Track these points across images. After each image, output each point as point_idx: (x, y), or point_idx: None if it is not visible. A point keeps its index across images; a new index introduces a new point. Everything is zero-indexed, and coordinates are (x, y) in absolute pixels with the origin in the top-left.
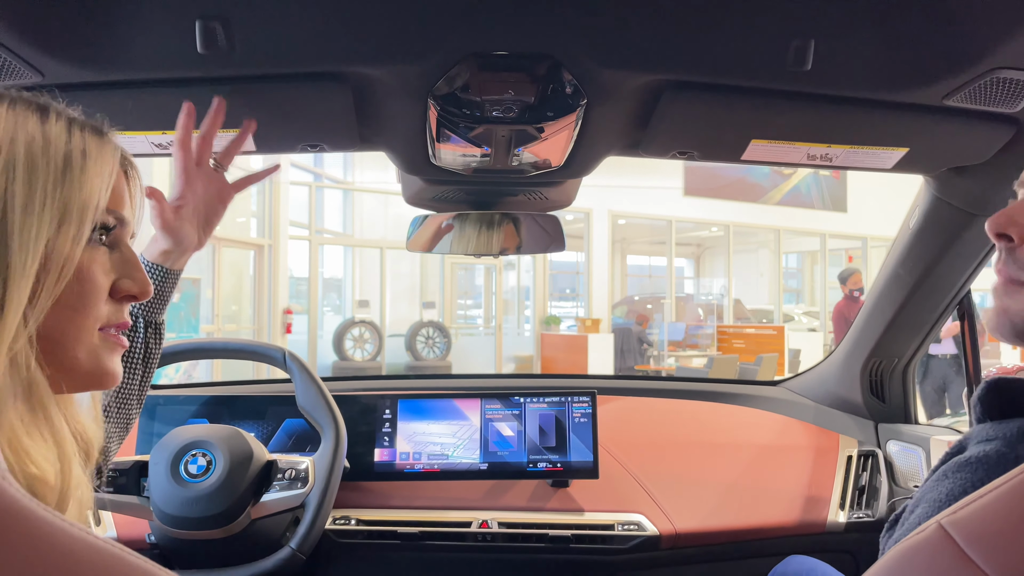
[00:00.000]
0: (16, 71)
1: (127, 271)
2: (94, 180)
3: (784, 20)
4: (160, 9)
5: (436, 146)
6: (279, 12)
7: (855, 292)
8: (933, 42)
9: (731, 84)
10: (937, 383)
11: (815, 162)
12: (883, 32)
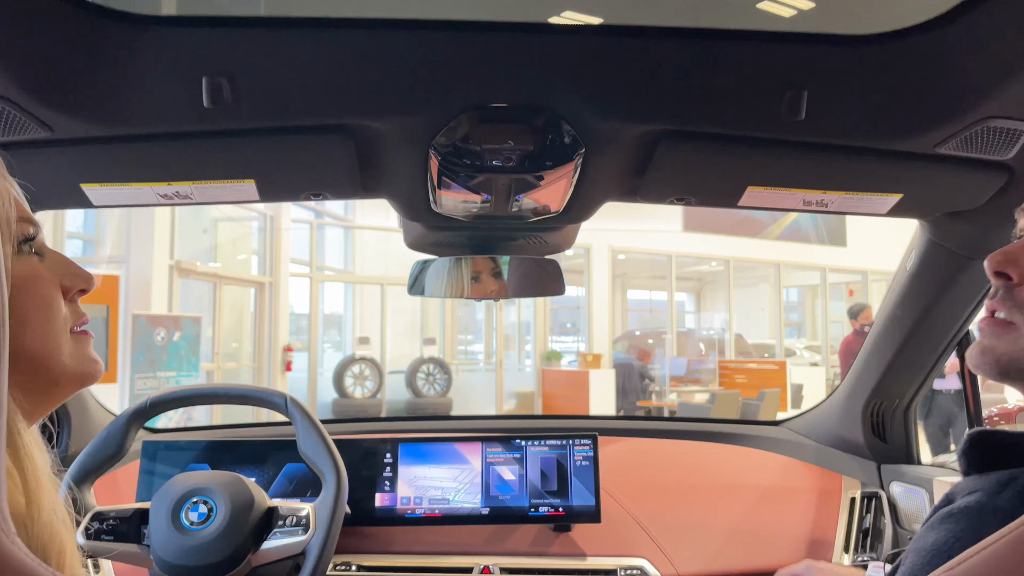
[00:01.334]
0: (26, 127)
1: (65, 270)
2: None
3: (777, 72)
4: (168, 66)
5: (437, 193)
6: (284, 67)
7: (865, 328)
8: (924, 92)
9: (726, 134)
10: (941, 420)
11: (811, 207)
12: (874, 83)
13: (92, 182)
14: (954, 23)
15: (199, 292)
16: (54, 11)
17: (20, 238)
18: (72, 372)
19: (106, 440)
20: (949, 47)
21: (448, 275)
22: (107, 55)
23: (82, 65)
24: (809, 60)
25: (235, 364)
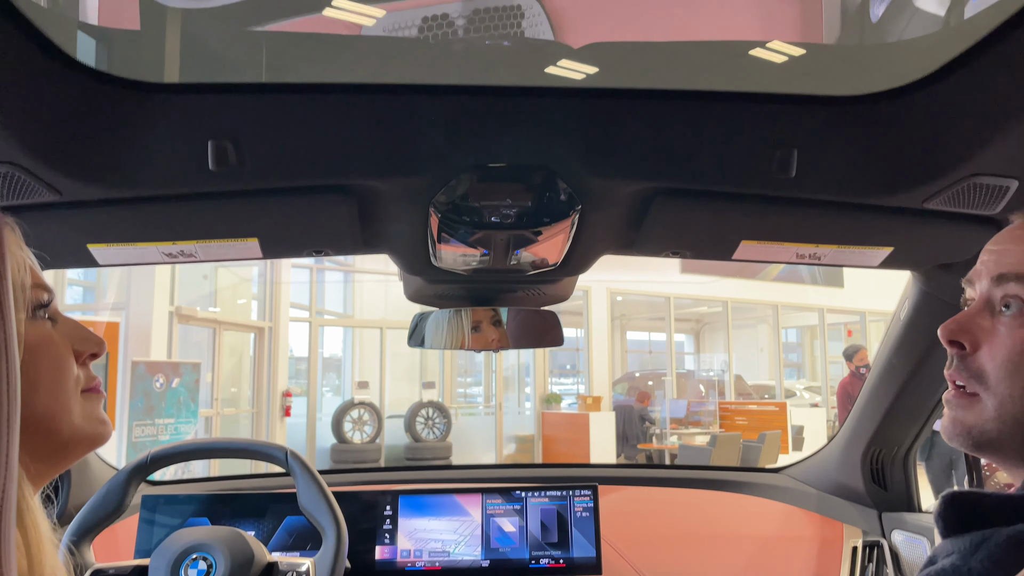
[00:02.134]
0: (34, 190)
1: (77, 334)
2: (12, 263)
3: (767, 131)
4: (174, 131)
5: (437, 248)
6: (287, 131)
7: (861, 369)
8: (911, 150)
9: (719, 191)
10: (944, 461)
11: (804, 260)
12: (862, 141)
13: (98, 242)
14: (937, 84)
15: (199, 337)
16: (63, 79)
17: (34, 304)
18: (81, 433)
19: (106, 496)
20: (934, 107)
21: (447, 326)
22: (115, 121)
23: (90, 131)
24: (798, 119)
25: (234, 410)
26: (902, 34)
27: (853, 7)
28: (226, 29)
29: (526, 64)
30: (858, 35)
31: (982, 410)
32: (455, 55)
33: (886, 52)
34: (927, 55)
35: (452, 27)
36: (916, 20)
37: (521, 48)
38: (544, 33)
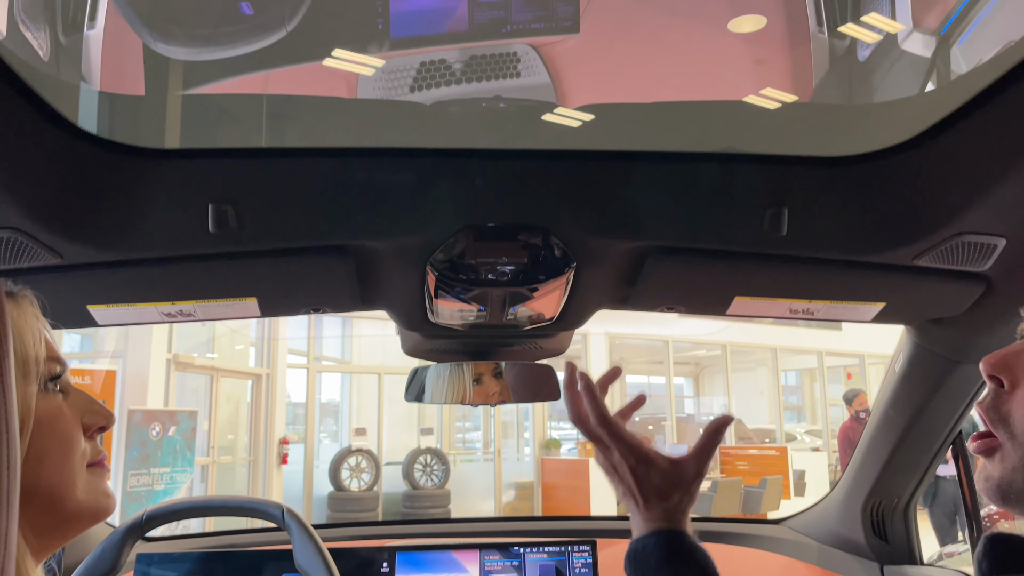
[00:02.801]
0: (36, 254)
1: (87, 407)
2: (27, 335)
3: (758, 191)
4: (175, 195)
5: (435, 304)
6: (286, 193)
7: (861, 413)
8: (899, 210)
9: (712, 248)
10: (947, 507)
11: (798, 315)
12: (851, 201)
13: (98, 304)
14: (923, 146)
15: (196, 384)
16: (65, 145)
17: (47, 377)
18: (85, 507)
19: (101, 556)
20: (921, 168)
21: (444, 381)
22: (116, 186)
23: (92, 195)
24: (788, 180)
25: (230, 458)
26: (889, 97)
27: (841, 71)
28: (225, 94)
29: (521, 125)
30: (846, 97)
31: (1003, 459)
32: (451, 118)
33: (873, 114)
34: (913, 117)
35: (450, 72)
36: (901, 83)
37: (516, 110)
38: (540, 78)
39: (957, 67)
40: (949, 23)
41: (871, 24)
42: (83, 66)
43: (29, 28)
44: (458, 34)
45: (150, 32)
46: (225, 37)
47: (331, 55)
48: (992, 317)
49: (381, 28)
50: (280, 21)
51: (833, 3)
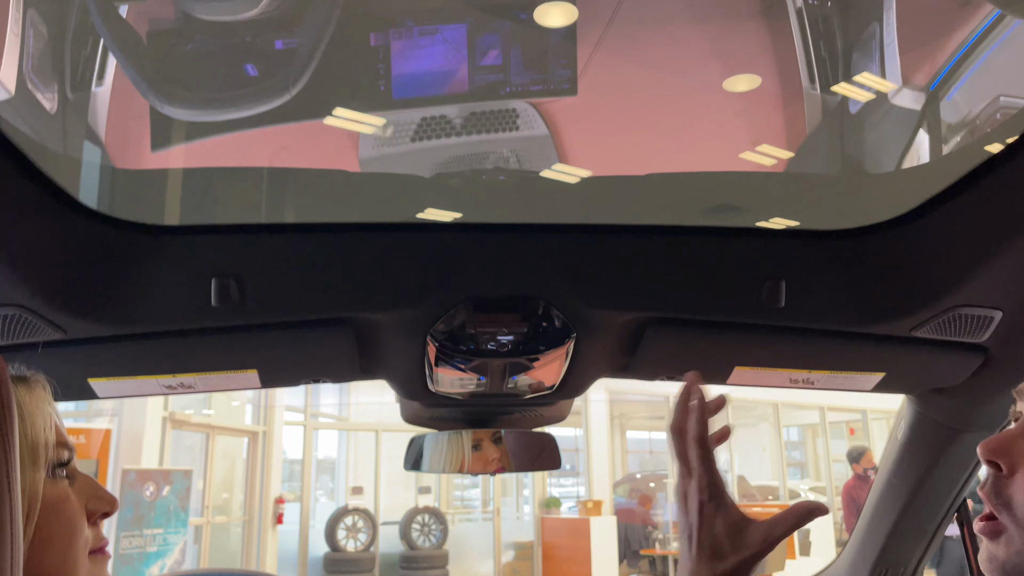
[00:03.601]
0: (39, 329)
1: (92, 493)
2: (38, 421)
3: (756, 263)
4: (178, 270)
5: (435, 372)
6: (288, 267)
7: (869, 471)
8: (896, 283)
9: (711, 320)
10: (955, 568)
11: (798, 385)
12: (848, 273)
13: (99, 377)
14: (918, 221)
15: (191, 442)
16: (69, 222)
17: (55, 463)
18: None
19: None
20: (916, 242)
21: (443, 450)
22: (120, 262)
23: (96, 272)
24: (785, 253)
25: (225, 518)
26: (884, 172)
27: (837, 146)
28: (227, 169)
29: (520, 200)
30: (843, 172)
31: (1009, 543)
32: (451, 192)
33: (869, 189)
34: (908, 192)
35: (450, 127)
36: (897, 159)
37: (515, 184)
38: (539, 131)
39: (951, 143)
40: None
41: (863, 83)
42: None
43: (35, 92)
44: (458, 95)
45: (155, 94)
46: (230, 100)
47: (332, 113)
48: (992, 387)
49: (383, 89)
50: (285, 84)
51: (825, 62)
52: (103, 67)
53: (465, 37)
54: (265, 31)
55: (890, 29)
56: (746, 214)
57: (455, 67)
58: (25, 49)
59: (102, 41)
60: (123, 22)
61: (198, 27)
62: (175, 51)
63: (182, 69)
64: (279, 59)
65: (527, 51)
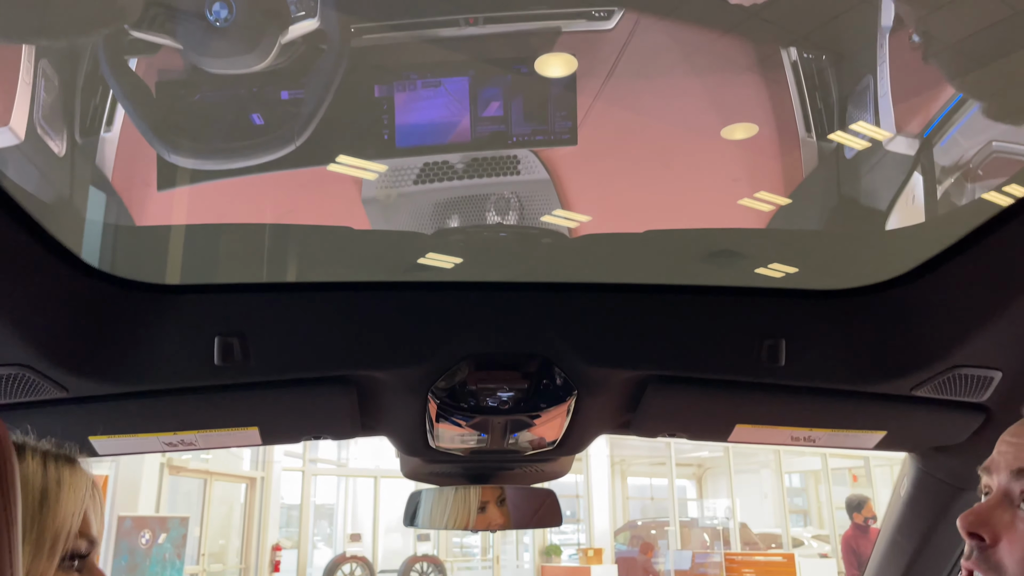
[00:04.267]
0: (42, 388)
1: None
2: (67, 507)
3: (756, 322)
4: (182, 329)
5: (436, 429)
6: (292, 326)
7: (869, 521)
8: (895, 342)
9: (711, 378)
10: None
11: (799, 443)
12: (847, 333)
13: (100, 435)
14: (918, 281)
15: (189, 488)
16: (73, 281)
17: (71, 553)
18: None
19: None
20: (915, 302)
21: (444, 507)
22: (123, 321)
23: (99, 331)
24: (785, 312)
25: (221, 566)
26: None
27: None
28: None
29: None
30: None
31: None
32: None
33: (868, 249)
34: (908, 253)
35: (452, 172)
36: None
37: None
38: (539, 176)
39: (949, 206)
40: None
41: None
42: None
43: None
44: (461, 144)
45: (161, 142)
46: (236, 151)
47: (336, 160)
48: (994, 446)
49: (387, 138)
50: (291, 135)
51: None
52: (110, 120)
53: (467, 89)
54: (272, 83)
55: (884, 81)
56: (746, 273)
57: (458, 118)
58: (35, 99)
59: (109, 94)
60: (132, 73)
61: (205, 79)
62: (182, 101)
63: (189, 118)
64: (285, 109)
65: (528, 102)
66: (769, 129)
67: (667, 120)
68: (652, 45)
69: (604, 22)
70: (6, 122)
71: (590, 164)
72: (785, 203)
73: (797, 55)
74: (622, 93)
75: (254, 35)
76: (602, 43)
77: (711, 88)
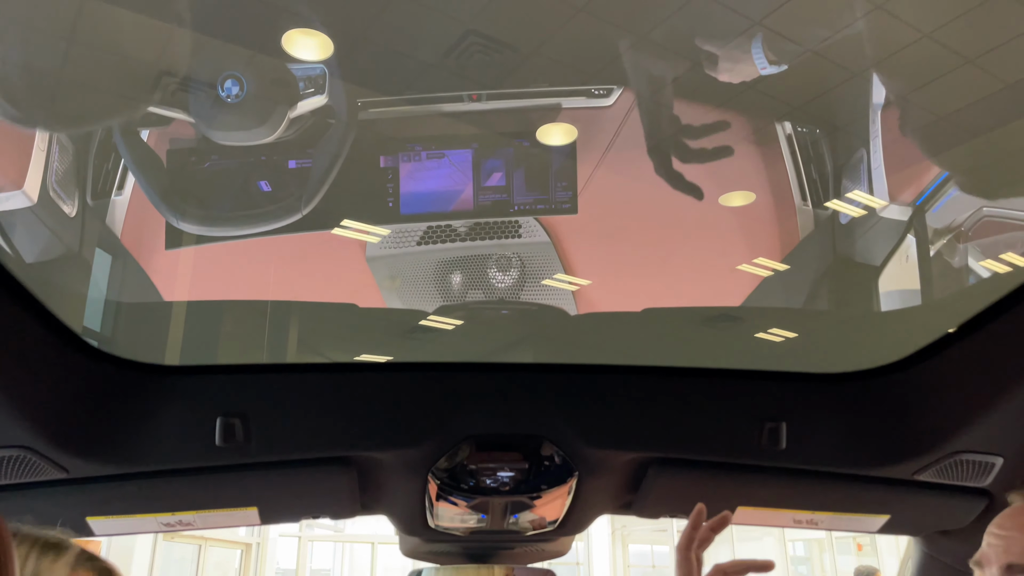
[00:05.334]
0: (41, 469)
1: None
2: None
3: (756, 406)
4: (182, 410)
5: (435, 509)
6: (295, 407)
7: None
8: (896, 427)
9: (712, 460)
10: None
11: (802, 526)
12: (848, 416)
13: (98, 515)
14: (917, 366)
15: (182, 554)
16: (74, 363)
17: None
18: None
19: None
20: (915, 387)
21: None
22: (125, 402)
23: (100, 412)
24: (786, 395)
25: None
26: (885, 316)
27: (837, 290)
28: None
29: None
30: (842, 315)
31: None
32: (452, 331)
33: (869, 333)
34: (909, 337)
35: (455, 233)
36: (897, 304)
37: (514, 323)
38: (540, 238)
39: (951, 291)
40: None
41: (854, 200)
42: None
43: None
44: (464, 212)
45: (169, 209)
46: (243, 219)
47: (340, 225)
48: None
49: (391, 206)
50: (297, 205)
51: (817, 184)
52: (121, 185)
53: (471, 160)
54: (280, 152)
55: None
56: (746, 355)
57: (461, 187)
58: (48, 166)
59: (120, 163)
60: (143, 144)
61: (215, 148)
62: (192, 168)
63: (197, 186)
64: (293, 178)
65: (530, 171)
66: (767, 205)
67: (666, 191)
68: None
69: (603, 99)
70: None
71: (590, 233)
72: (786, 285)
73: (792, 129)
74: (622, 164)
75: (264, 111)
76: (602, 118)
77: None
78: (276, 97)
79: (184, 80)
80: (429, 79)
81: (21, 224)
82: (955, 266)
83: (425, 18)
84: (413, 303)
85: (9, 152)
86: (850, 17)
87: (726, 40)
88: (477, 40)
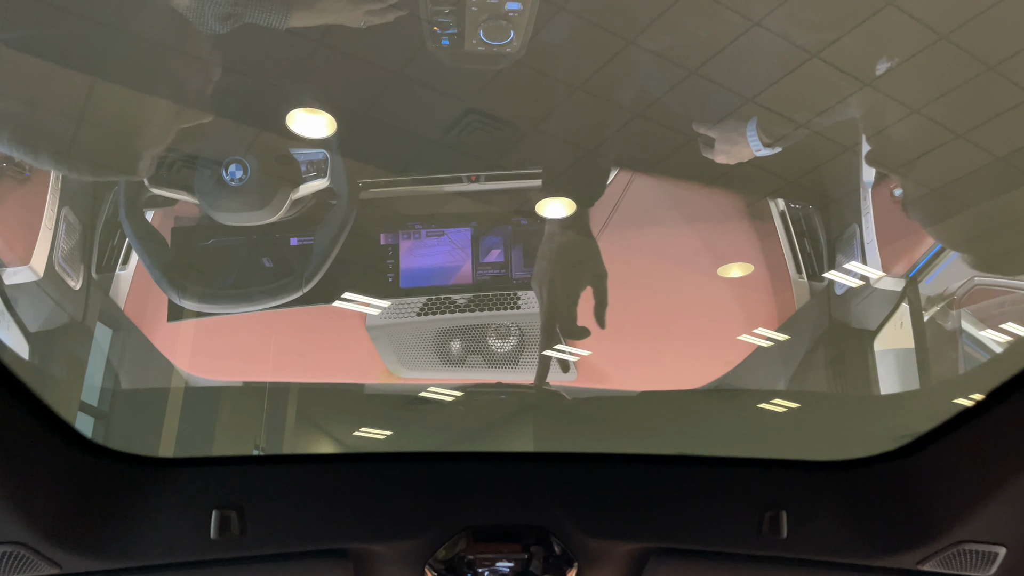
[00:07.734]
0: (35, 565)
1: None
2: None
3: (756, 493)
4: (176, 503)
5: None
6: (291, 499)
7: None
8: (897, 516)
9: (712, 550)
10: None
11: None
12: (850, 505)
13: None
14: (918, 454)
15: None
16: (69, 457)
17: None
18: None
19: None
20: (917, 475)
21: None
22: (119, 495)
23: (94, 506)
24: (786, 484)
25: None
26: (886, 403)
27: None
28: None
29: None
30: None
31: None
32: (449, 422)
33: (871, 421)
34: (910, 426)
35: (453, 305)
36: (899, 391)
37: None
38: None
39: (953, 379)
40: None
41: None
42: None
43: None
44: (463, 287)
45: (170, 285)
46: (243, 296)
47: (342, 297)
48: None
49: (391, 281)
50: (298, 283)
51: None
52: (126, 261)
53: (470, 238)
54: (282, 231)
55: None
56: (745, 443)
57: (460, 263)
58: (54, 245)
59: (123, 244)
60: (148, 224)
61: (218, 228)
62: (194, 248)
63: (200, 264)
64: (294, 256)
65: (528, 247)
66: (765, 285)
67: (663, 265)
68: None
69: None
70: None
71: (589, 307)
72: (786, 372)
73: (785, 205)
74: (619, 239)
75: (267, 194)
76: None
77: (704, 234)
78: (278, 181)
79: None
80: (429, 155)
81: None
82: (955, 360)
83: (426, 97)
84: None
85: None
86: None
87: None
88: (477, 118)
